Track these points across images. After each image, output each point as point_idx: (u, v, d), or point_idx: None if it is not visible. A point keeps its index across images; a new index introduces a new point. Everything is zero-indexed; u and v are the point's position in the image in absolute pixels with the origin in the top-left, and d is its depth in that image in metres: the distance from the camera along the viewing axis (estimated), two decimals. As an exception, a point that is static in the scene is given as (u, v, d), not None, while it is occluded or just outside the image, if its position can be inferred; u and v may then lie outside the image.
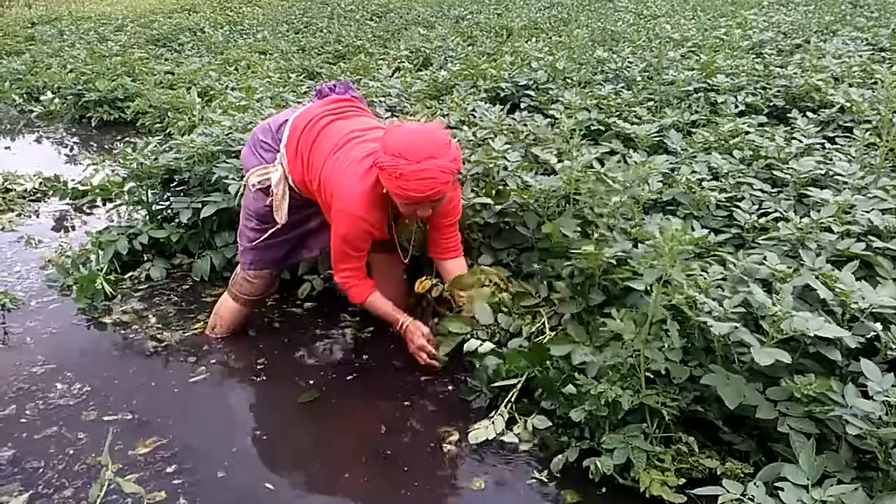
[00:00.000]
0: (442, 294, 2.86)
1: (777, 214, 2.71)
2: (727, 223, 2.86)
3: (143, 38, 10.58)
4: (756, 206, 2.83)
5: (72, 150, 6.60)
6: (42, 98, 7.56)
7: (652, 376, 2.15)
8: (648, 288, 2.11)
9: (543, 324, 2.69)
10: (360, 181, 2.55)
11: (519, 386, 2.51)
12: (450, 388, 2.75)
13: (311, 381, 2.83)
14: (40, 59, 9.15)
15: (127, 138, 6.58)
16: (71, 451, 2.40)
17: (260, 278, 3.02)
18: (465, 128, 3.79)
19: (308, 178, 2.73)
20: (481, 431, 2.44)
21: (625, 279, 2.25)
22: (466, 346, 2.64)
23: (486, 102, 4.68)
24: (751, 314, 2.09)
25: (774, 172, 3.17)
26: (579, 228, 2.73)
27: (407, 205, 2.48)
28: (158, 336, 3.15)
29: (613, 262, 2.46)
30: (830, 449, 1.91)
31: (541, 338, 2.62)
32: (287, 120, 2.82)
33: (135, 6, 14.98)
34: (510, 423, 2.47)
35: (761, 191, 3.04)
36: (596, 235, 2.62)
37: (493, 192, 3.06)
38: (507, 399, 2.51)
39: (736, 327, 1.96)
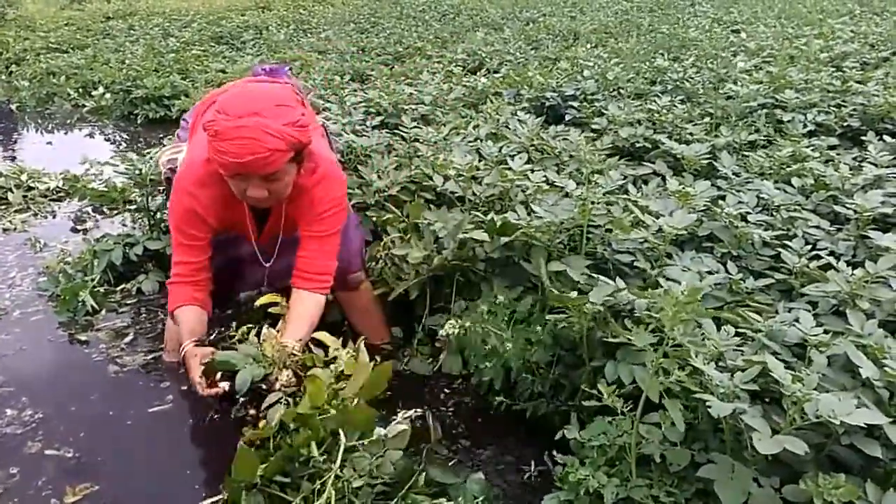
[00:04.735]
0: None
1: (828, 260, 2.26)
2: (773, 265, 2.43)
3: (207, 34, 10.54)
4: (809, 247, 2.38)
5: (118, 146, 6.50)
6: (94, 93, 7.52)
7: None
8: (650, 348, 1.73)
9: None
10: (202, 149, 2.13)
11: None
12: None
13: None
14: (101, 53, 9.19)
15: (170, 136, 6.44)
16: (-2, 492, 2.17)
17: None
18: (488, 143, 3.42)
19: None
20: None
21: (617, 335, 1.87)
22: None
23: (527, 113, 4.30)
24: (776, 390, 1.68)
25: (836, 207, 2.71)
26: (587, 271, 2.32)
27: (231, 177, 2.04)
28: (131, 357, 2.89)
29: (602, 311, 2.04)
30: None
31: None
32: None
33: (211, 2, 15.06)
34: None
35: (818, 228, 2.58)
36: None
37: (498, 222, 2.66)
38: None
39: (744, 410, 1.56)
